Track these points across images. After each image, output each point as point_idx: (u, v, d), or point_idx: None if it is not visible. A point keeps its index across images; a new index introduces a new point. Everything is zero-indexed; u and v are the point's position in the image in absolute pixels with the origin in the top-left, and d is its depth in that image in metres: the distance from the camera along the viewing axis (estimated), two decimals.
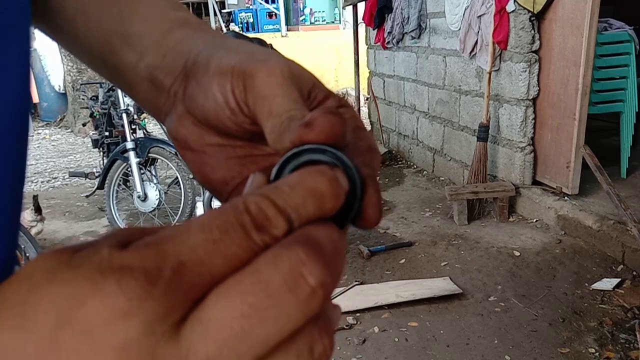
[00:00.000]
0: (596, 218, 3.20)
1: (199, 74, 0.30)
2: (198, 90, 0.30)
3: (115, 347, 0.16)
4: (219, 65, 0.29)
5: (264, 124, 0.26)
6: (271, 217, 0.19)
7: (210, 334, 0.17)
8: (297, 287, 0.17)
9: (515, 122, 3.75)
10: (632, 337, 2.33)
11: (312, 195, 0.20)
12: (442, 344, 2.37)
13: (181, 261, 0.17)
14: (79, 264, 0.17)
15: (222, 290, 0.18)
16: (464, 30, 4.11)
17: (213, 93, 0.28)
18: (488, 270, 3.02)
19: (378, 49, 6.02)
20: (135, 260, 0.17)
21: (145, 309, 0.16)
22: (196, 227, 0.18)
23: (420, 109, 5.22)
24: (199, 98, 0.30)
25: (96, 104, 4.50)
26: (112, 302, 0.16)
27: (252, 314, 0.17)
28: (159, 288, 0.17)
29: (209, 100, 0.29)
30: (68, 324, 0.16)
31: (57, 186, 5.58)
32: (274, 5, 11.30)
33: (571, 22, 3.30)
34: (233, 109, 0.28)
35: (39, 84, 9.09)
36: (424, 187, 4.67)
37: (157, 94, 0.33)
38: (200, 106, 0.30)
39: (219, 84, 0.28)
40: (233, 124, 0.29)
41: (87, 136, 6.77)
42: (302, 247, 0.18)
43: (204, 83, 0.29)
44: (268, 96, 0.26)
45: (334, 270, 0.19)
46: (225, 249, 0.18)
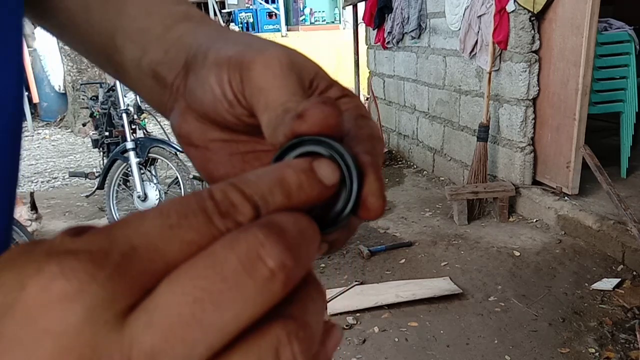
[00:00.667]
0: (596, 218, 3.20)
1: (197, 66, 0.29)
2: (196, 83, 0.29)
3: (54, 333, 0.15)
4: (217, 56, 0.28)
5: (260, 117, 0.26)
6: (236, 203, 0.18)
7: (156, 322, 0.15)
8: (254, 269, 0.16)
9: (515, 122, 3.75)
10: (632, 337, 2.33)
11: (280, 184, 0.19)
12: (442, 344, 2.37)
13: (132, 246, 0.16)
14: (31, 250, 0.16)
15: (174, 275, 0.16)
16: (464, 30, 4.11)
17: (210, 85, 0.28)
18: (488, 270, 3.02)
19: (378, 49, 6.02)
20: (83, 244, 0.16)
21: (87, 293, 0.15)
22: (153, 213, 0.17)
23: (420, 109, 5.21)
24: (197, 91, 0.29)
25: (96, 104, 4.50)
26: (52, 284, 0.15)
27: (205, 298, 0.16)
28: (104, 272, 0.15)
29: (206, 93, 0.28)
30: (10, 309, 0.15)
31: (57, 186, 5.58)
32: (274, 5, 11.30)
33: (571, 22, 3.30)
34: (230, 101, 0.27)
35: (39, 84, 9.09)
36: (424, 187, 4.67)
37: (161, 90, 0.32)
38: (199, 100, 0.29)
39: (216, 76, 0.28)
40: (231, 117, 0.28)
41: (87, 136, 6.77)
42: (261, 229, 0.17)
43: (202, 75, 0.29)
44: (264, 88, 0.26)
45: (298, 255, 0.17)
46: (183, 234, 0.17)
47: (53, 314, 0.15)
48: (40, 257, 0.16)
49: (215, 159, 0.31)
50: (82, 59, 7.90)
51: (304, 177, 0.20)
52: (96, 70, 7.90)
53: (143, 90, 0.35)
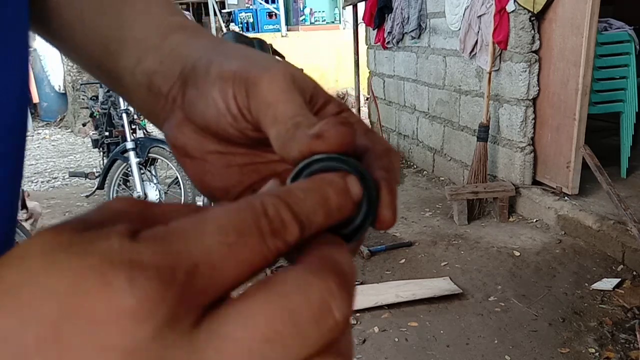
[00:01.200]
0: (596, 218, 3.20)
1: (199, 80, 0.30)
2: (198, 97, 0.29)
3: (122, 349, 0.15)
4: (220, 71, 0.29)
5: (268, 131, 0.26)
6: (287, 222, 0.19)
7: (227, 352, 0.16)
8: (323, 319, 0.17)
9: (515, 122, 3.75)
10: (632, 337, 2.33)
11: (323, 204, 0.20)
12: (442, 344, 2.37)
13: (195, 263, 0.16)
14: (84, 250, 0.16)
15: (246, 307, 0.17)
16: (464, 30, 4.11)
17: (214, 99, 0.28)
18: (488, 270, 3.02)
19: (378, 49, 6.02)
20: (147, 255, 0.16)
21: (157, 313, 0.15)
22: (212, 226, 0.17)
23: (420, 109, 5.22)
24: (199, 105, 0.29)
25: (96, 104, 4.50)
26: (123, 301, 0.15)
27: (276, 339, 0.17)
28: (173, 292, 0.16)
29: (209, 107, 0.28)
30: (72, 316, 0.15)
31: (57, 186, 5.58)
32: (274, 5, 11.30)
33: (571, 22, 3.30)
34: (235, 116, 0.28)
35: (39, 84, 9.09)
36: (424, 187, 4.67)
37: (155, 99, 0.32)
38: (201, 113, 0.29)
39: (220, 90, 0.28)
40: (235, 131, 0.28)
41: (87, 136, 6.77)
42: (333, 278, 0.18)
43: (205, 89, 0.29)
44: (272, 102, 0.26)
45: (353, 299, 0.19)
46: (240, 254, 0.17)
47: (123, 330, 0.15)
48: (103, 265, 0.15)
49: (213, 171, 0.31)
50: None
51: (342, 197, 0.21)
52: None
53: (136, 100, 0.35)
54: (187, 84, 0.30)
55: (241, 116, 0.28)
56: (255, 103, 0.27)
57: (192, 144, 0.31)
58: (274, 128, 0.26)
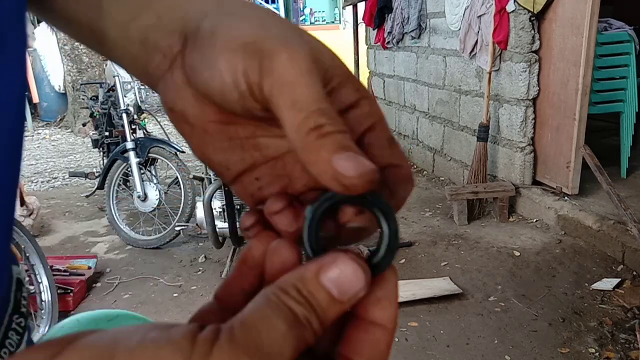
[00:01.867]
0: (596, 218, 3.20)
1: (203, 44, 0.27)
2: (202, 63, 0.27)
3: None
4: (228, 38, 0.26)
5: (283, 114, 0.24)
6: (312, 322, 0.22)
7: None
8: None
9: (515, 122, 3.75)
10: (632, 337, 2.33)
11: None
12: (442, 344, 2.37)
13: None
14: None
15: None
16: (464, 30, 4.11)
17: (220, 71, 0.26)
18: (488, 270, 3.02)
19: (378, 49, 6.02)
20: None
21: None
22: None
23: (420, 109, 5.22)
24: (202, 73, 0.27)
25: (96, 104, 4.50)
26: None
27: None
28: None
29: (214, 79, 0.26)
30: None
31: (57, 186, 5.58)
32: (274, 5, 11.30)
33: (571, 22, 3.30)
34: (242, 92, 0.25)
35: (39, 84, 9.09)
36: (424, 187, 4.67)
37: (149, 55, 0.30)
38: (204, 82, 0.27)
39: (228, 62, 0.25)
40: (240, 107, 0.26)
41: (87, 136, 6.77)
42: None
43: (210, 58, 0.26)
44: (290, 83, 0.24)
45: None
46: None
47: None
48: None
49: (215, 144, 0.29)
50: (82, 58, 7.90)
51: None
52: (96, 70, 7.90)
53: (127, 58, 0.32)
54: (189, 45, 0.28)
55: (250, 94, 0.25)
56: (270, 81, 0.24)
57: (193, 110, 0.28)
58: (290, 113, 0.24)
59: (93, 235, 4.03)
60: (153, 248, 3.63)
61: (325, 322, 0.22)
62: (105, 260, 3.53)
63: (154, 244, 3.63)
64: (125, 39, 0.31)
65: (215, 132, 0.29)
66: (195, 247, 3.63)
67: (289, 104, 0.24)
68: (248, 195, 0.30)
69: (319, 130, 0.23)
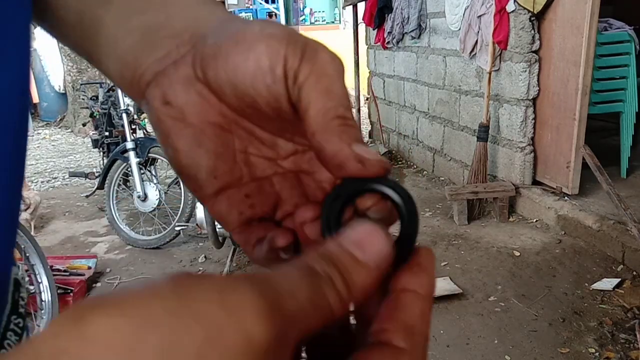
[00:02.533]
0: (596, 218, 3.20)
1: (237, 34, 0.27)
2: (233, 48, 0.26)
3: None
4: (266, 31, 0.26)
5: (314, 97, 0.25)
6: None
7: None
8: None
9: (515, 122, 3.75)
10: (632, 337, 2.33)
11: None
12: (442, 344, 2.37)
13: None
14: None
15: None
16: (464, 30, 4.11)
17: (257, 54, 0.25)
18: (488, 270, 3.02)
19: (378, 49, 6.02)
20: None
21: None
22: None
23: (420, 109, 5.22)
24: (233, 57, 0.26)
25: (96, 104, 4.50)
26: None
27: None
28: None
29: (248, 61, 0.26)
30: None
31: (57, 186, 5.58)
32: (274, 5, 11.30)
33: (571, 22, 3.30)
34: (276, 77, 0.25)
35: (39, 84, 9.09)
36: (424, 187, 4.67)
37: (148, 49, 0.29)
38: (232, 66, 0.26)
39: (269, 47, 0.25)
40: (267, 93, 0.26)
41: (87, 136, 6.77)
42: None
43: (247, 41, 0.26)
44: (329, 75, 0.25)
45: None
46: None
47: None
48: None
49: (209, 146, 0.28)
50: (82, 59, 7.89)
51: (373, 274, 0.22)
52: (96, 70, 7.89)
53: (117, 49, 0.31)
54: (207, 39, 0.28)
55: (283, 79, 0.25)
56: (309, 67, 0.25)
57: (194, 108, 0.28)
58: (322, 99, 0.25)
59: (93, 235, 4.03)
60: (153, 248, 3.63)
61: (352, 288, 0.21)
62: (105, 260, 3.52)
63: (154, 244, 3.63)
64: (124, 29, 0.30)
65: (212, 135, 0.28)
66: (195, 247, 3.63)
67: (324, 91, 0.25)
68: (236, 213, 0.29)
69: (344, 120, 0.25)
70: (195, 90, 0.28)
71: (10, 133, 0.31)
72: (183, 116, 0.28)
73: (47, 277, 2.55)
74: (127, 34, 0.30)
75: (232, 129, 0.28)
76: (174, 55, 0.28)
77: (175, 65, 0.28)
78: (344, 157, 0.24)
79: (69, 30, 0.34)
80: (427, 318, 0.23)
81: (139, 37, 0.30)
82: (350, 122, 0.25)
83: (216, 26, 0.29)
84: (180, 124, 0.28)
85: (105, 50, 0.31)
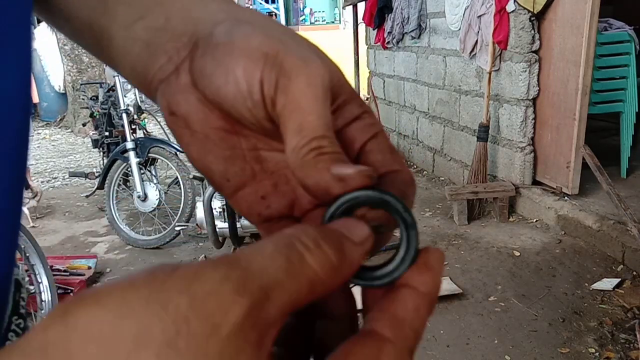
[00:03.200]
0: (596, 218, 3.20)
1: (218, 50, 0.27)
2: (215, 68, 0.26)
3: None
4: (247, 46, 0.26)
5: (288, 135, 0.25)
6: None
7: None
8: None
9: (515, 122, 3.75)
10: (632, 337, 2.33)
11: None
12: (442, 344, 2.37)
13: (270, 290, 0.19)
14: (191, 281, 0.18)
15: None
16: (464, 30, 4.11)
17: (236, 78, 0.26)
18: (488, 270, 3.02)
19: (378, 49, 6.02)
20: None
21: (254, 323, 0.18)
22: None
23: (420, 109, 5.22)
24: (215, 78, 0.26)
25: (96, 104, 4.50)
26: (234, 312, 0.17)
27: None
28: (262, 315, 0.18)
29: (229, 84, 0.26)
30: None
31: (57, 186, 5.58)
32: (274, 5, 11.30)
33: (571, 22, 3.30)
34: (255, 102, 0.26)
35: (39, 84, 9.09)
36: (424, 187, 4.67)
37: (153, 57, 0.29)
38: (215, 87, 0.26)
39: (246, 70, 0.25)
40: (249, 115, 0.26)
41: (87, 136, 6.77)
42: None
43: (225, 63, 0.26)
44: (302, 107, 0.25)
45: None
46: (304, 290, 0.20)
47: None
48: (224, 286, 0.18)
49: (216, 151, 0.28)
50: (82, 58, 7.90)
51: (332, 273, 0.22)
52: (96, 70, 7.90)
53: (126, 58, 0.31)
54: (200, 49, 0.28)
55: (262, 104, 0.26)
56: (283, 99, 0.25)
57: (196, 115, 0.28)
58: (295, 138, 0.25)
59: (93, 235, 4.03)
60: (153, 248, 3.63)
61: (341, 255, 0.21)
62: (105, 260, 3.52)
63: (154, 244, 3.63)
64: (129, 39, 0.30)
65: (218, 140, 0.28)
66: (195, 247, 3.63)
67: (296, 128, 0.25)
68: (255, 214, 0.30)
69: (318, 150, 0.24)
70: (195, 98, 0.28)
71: (13, 138, 0.31)
72: (188, 124, 0.28)
73: (47, 277, 2.55)
74: (133, 43, 0.30)
75: (236, 130, 0.28)
76: (175, 60, 0.29)
77: (176, 72, 0.28)
78: (325, 183, 0.24)
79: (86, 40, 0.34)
80: (422, 315, 0.23)
81: (144, 45, 0.30)
82: (325, 150, 0.24)
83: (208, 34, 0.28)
84: (187, 132, 0.28)
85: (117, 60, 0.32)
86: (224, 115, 0.28)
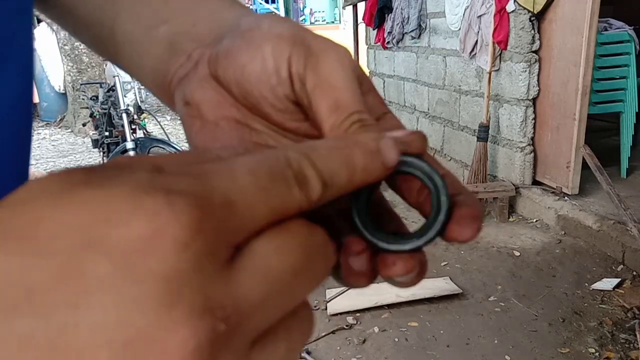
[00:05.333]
0: (596, 218, 3.20)
1: (246, 33, 0.27)
2: (242, 46, 0.26)
3: (162, 278, 0.14)
4: (277, 30, 0.26)
5: (324, 114, 0.25)
6: (309, 179, 0.18)
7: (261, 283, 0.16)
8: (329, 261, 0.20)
9: (515, 122, 3.75)
10: (632, 337, 2.33)
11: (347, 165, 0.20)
12: (442, 344, 2.37)
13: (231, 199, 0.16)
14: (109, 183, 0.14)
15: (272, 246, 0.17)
16: (464, 30, 4.11)
17: (263, 55, 0.26)
18: (488, 270, 3.02)
19: (378, 49, 6.02)
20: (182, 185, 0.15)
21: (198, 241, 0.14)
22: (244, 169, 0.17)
23: (420, 109, 5.22)
24: (241, 56, 0.26)
25: (96, 104, 4.50)
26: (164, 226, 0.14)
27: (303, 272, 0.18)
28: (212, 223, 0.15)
29: (255, 61, 0.26)
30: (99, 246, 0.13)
31: None
32: (274, 6, 11.31)
33: (571, 22, 3.30)
34: (281, 79, 0.26)
35: (39, 84, 9.08)
36: None
37: (173, 57, 0.30)
38: (240, 65, 0.26)
39: (275, 48, 0.25)
40: (271, 95, 0.26)
41: (87, 136, 6.77)
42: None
43: (254, 41, 0.26)
44: (335, 86, 0.25)
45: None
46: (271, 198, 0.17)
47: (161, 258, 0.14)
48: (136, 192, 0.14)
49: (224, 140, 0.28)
50: (82, 58, 7.90)
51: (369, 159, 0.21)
52: (96, 70, 7.90)
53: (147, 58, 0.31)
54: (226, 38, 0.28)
55: (289, 82, 0.26)
56: (314, 79, 0.25)
57: (210, 104, 0.28)
58: (333, 115, 0.24)
59: None
60: None
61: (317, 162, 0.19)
62: None
63: None
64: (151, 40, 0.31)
65: (228, 129, 0.28)
66: None
67: (332, 105, 0.24)
68: None
69: (361, 122, 0.24)
70: (210, 87, 0.28)
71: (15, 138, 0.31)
72: (200, 113, 0.28)
73: None
74: (156, 44, 0.31)
75: (248, 122, 0.28)
76: (196, 57, 0.29)
77: (195, 66, 0.29)
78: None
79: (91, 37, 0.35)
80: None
81: (167, 45, 0.30)
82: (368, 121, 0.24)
83: (233, 24, 0.29)
84: (197, 121, 0.28)
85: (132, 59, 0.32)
86: (237, 104, 0.28)
